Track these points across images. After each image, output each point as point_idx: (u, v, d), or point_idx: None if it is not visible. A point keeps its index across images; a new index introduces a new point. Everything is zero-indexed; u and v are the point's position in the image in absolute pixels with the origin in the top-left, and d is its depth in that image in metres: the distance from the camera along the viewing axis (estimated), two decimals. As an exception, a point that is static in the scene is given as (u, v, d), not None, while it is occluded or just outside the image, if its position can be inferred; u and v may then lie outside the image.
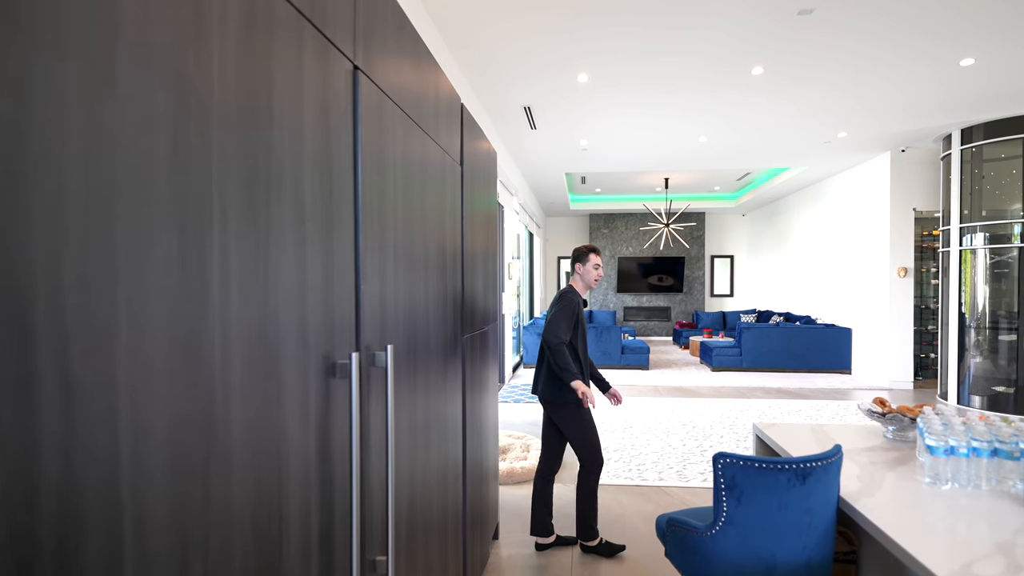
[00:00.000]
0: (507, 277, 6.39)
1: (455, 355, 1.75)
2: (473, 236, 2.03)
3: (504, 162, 5.75)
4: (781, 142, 5.65)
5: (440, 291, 1.56)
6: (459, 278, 1.81)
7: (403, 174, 1.20)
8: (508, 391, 5.93)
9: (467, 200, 1.92)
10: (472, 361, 2.00)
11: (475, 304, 2.05)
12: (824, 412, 4.93)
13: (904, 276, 6.02)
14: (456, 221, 1.76)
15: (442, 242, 1.57)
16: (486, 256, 2.30)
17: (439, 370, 1.55)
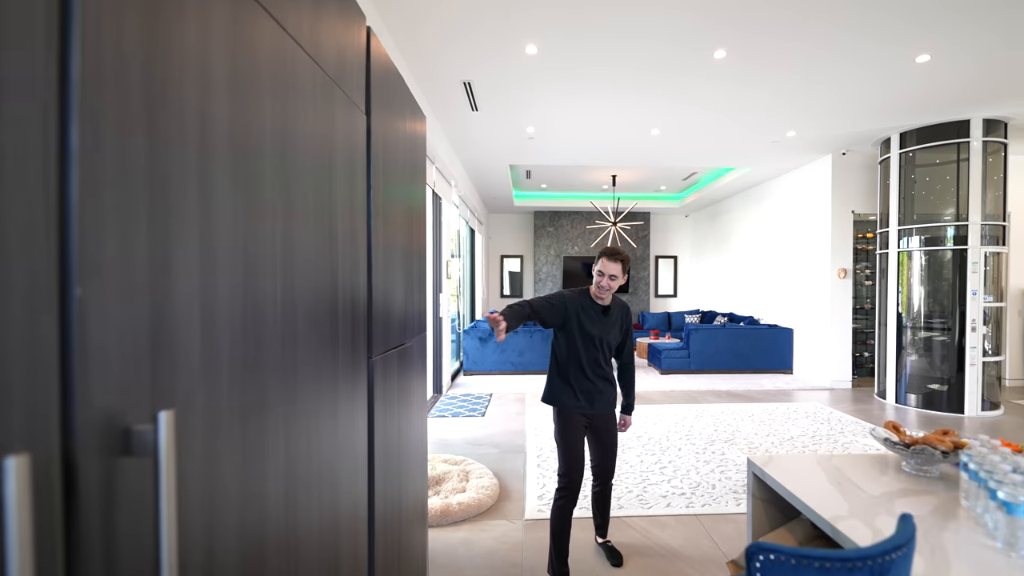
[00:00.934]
0: (445, 276, 5.79)
1: (355, 380, 1.18)
2: (390, 224, 1.46)
3: (441, 146, 5.16)
4: (732, 139, 5.47)
5: (324, 300, 0.99)
6: (363, 281, 1.24)
7: (226, 76, 0.62)
8: (445, 403, 5.34)
9: (379, 170, 1.35)
10: (387, 383, 1.43)
11: (391, 314, 1.48)
12: (775, 415, 4.76)
13: (844, 277, 6.06)
14: (358, 196, 1.19)
15: (330, 226, 1.00)
16: (410, 252, 1.73)
17: (328, 401, 1.00)
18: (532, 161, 6.53)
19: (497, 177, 7.49)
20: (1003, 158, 4.94)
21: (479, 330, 6.79)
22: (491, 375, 6.77)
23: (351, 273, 1.15)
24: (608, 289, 2.10)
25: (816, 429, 4.35)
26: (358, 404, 1.21)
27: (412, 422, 1.74)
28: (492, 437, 4.17)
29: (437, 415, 4.85)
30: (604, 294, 2.12)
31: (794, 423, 4.54)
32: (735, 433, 4.24)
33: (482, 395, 5.70)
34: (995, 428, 4.50)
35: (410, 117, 1.74)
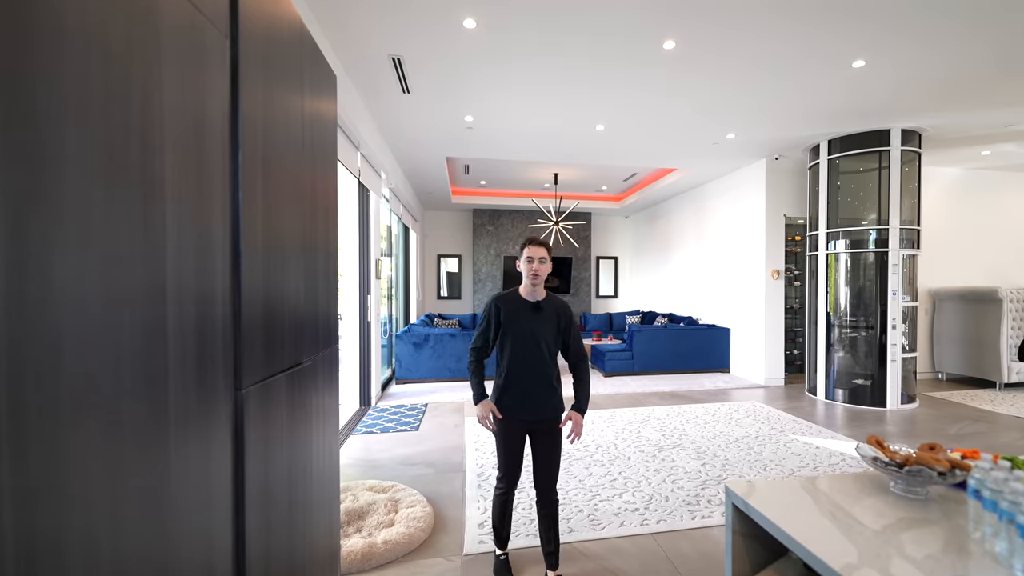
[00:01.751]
0: (374, 276, 5.28)
1: (206, 421, 0.78)
2: (280, 214, 1.07)
3: (367, 131, 4.66)
4: (674, 139, 5.42)
5: (152, 316, 0.58)
6: (223, 285, 0.83)
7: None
8: (374, 417, 4.83)
9: (256, 146, 0.96)
10: (272, 414, 1.03)
11: (279, 327, 1.08)
12: (719, 416, 4.72)
13: (777, 278, 6.23)
14: (212, 174, 0.79)
15: (145, 207, 0.60)
16: (314, 248, 1.32)
17: (142, 458, 0.59)
18: (471, 154, 6.17)
19: (433, 171, 7.04)
20: (918, 167, 5.23)
21: (413, 334, 6.32)
22: (426, 383, 6.32)
23: (195, 274, 0.74)
24: (540, 275, 2.05)
25: (759, 429, 4.33)
26: (214, 447, 0.80)
27: (317, 454, 1.33)
28: (427, 455, 3.75)
29: (364, 431, 4.34)
30: (538, 280, 2.06)
31: (737, 423, 4.51)
32: (682, 437, 4.11)
33: (416, 406, 5.24)
34: (912, 420, 4.72)
35: (315, 84, 1.34)
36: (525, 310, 2.08)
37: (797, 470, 3.39)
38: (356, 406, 5.20)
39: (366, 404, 5.26)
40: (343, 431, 4.33)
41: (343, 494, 2.89)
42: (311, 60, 1.31)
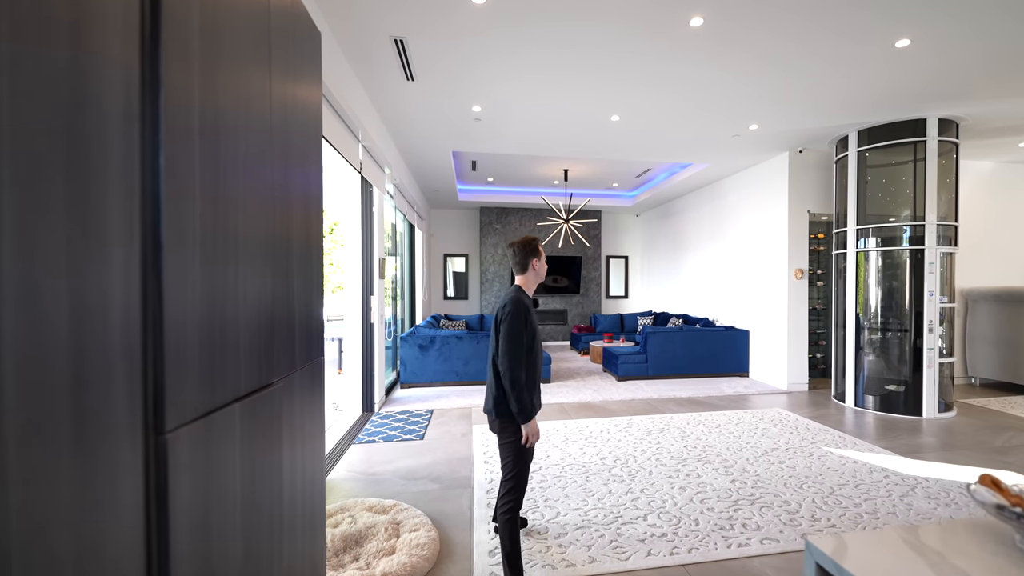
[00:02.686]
0: (378, 276, 5.03)
1: (92, 485, 0.50)
2: (237, 199, 0.81)
3: (370, 122, 4.40)
4: (694, 131, 5.11)
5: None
6: (137, 291, 0.56)
7: None
8: (377, 424, 4.57)
9: (191, 122, 0.70)
10: (211, 459, 0.76)
11: (234, 342, 0.81)
12: (742, 425, 4.41)
13: (801, 277, 5.91)
14: (115, 138, 0.52)
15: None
16: (286, 243, 1.06)
17: None
18: (479, 148, 5.90)
19: (439, 167, 6.78)
20: (955, 159, 4.90)
21: (418, 337, 6.06)
22: (432, 387, 6.06)
23: (119, 280, 0.47)
24: None
25: (788, 440, 4.03)
26: (107, 520, 0.53)
27: (292, 489, 1.07)
28: (432, 467, 3.49)
29: (366, 439, 4.09)
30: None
31: (763, 434, 4.20)
32: (706, 449, 3.82)
33: (421, 412, 4.98)
34: (951, 430, 4.39)
35: (289, 58, 1.08)
36: (534, 309, 2.12)
37: (837, 488, 3.09)
38: (359, 412, 4.95)
39: (369, 410, 5.01)
40: (343, 440, 4.07)
41: (340, 515, 2.63)
42: (284, 29, 1.05)
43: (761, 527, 2.60)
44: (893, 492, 3.04)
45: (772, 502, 2.89)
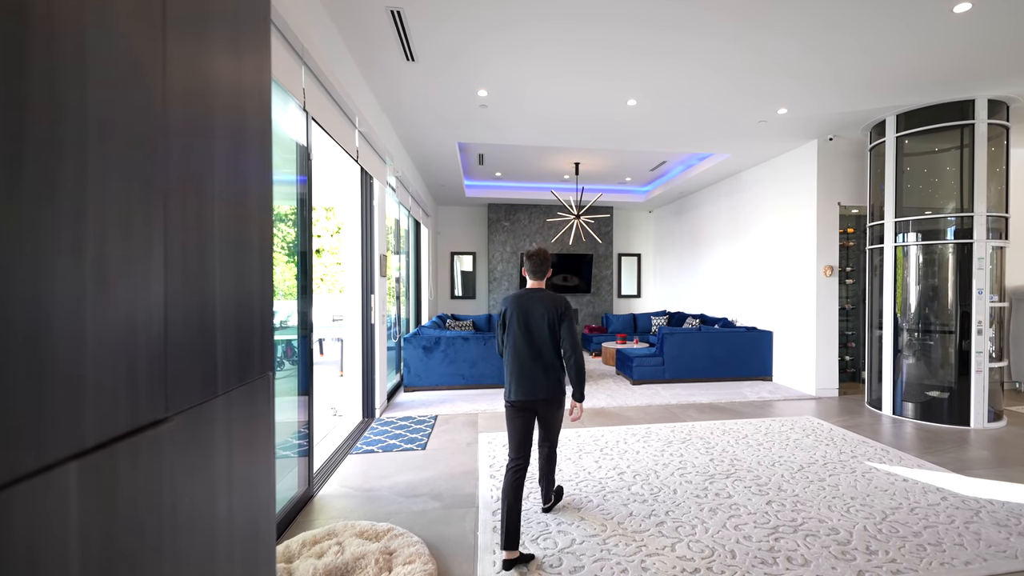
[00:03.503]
0: (379, 274, 4.73)
1: None
2: (113, 184, 0.47)
3: (368, 108, 4.11)
4: (716, 116, 4.75)
5: None
6: None
7: None
8: (377, 432, 4.27)
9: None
10: (92, 524, 0.43)
11: (111, 359, 0.49)
12: (771, 435, 4.05)
13: (831, 275, 5.51)
14: None
15: None
16: (207, 235, 0.74)
17: None
18: (486, 139, 5.58)
19: (444, 160, 6.48)
20: (1005, 145, 4.48)
21: (423, 338, 5.76)
22: (438, 390, 5.76)
23: None
24: None
25: (824, 453, 3.66)
26: None
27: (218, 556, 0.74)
28: (433, 483, 3.18)
29: (364, 449, 3.79)
30: None
31: (796, 445, 3.84)
32: (734, 462, 3.47)
33: (424, 418, 4.68)
34: (1004, 442, 3.99)
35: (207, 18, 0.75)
36: None
37: (890, 513, 2.72)
38: (359, 418, 4.66)
39: (369, 416, 4.72)
40: (339, 451, 3.78)
41: (327, 542, 2.33)
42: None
43: (809, 561, 2.25)
44: (955, 518, 2.67)
45: (818, 529, 2.54)
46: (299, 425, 2.92)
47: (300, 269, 2.86)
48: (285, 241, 3.01)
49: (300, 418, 2.92)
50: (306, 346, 2.90)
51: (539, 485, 2.71)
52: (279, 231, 2.88)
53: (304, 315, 2.90)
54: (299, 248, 2.85)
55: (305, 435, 2.94)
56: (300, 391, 2.93)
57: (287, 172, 2.75)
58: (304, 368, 2.91)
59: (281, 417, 2.82)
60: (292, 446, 2.89)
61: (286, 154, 2.73)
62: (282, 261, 3.06)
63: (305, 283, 2.87)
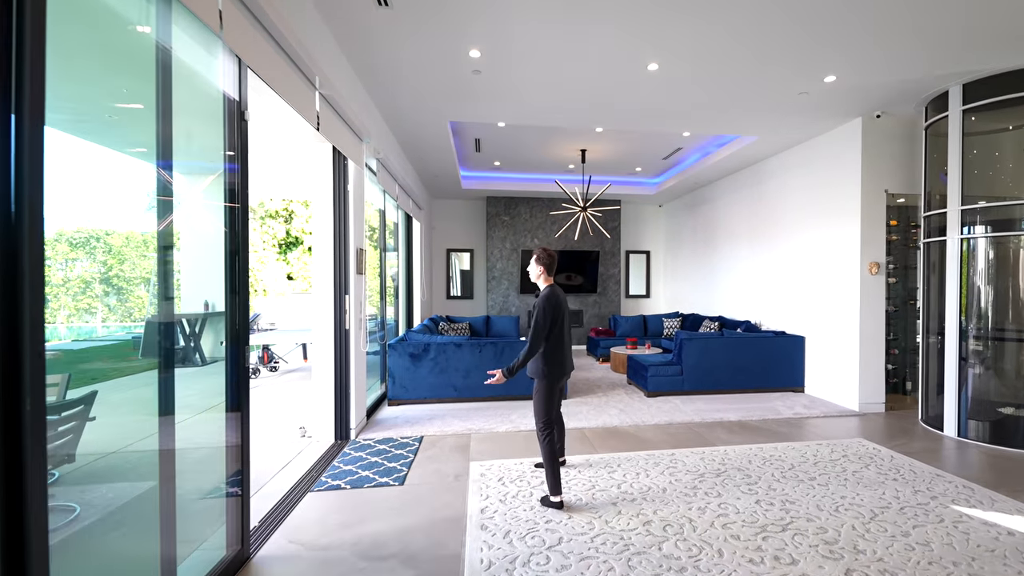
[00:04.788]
0: (353, 271, 4.04)
1: None
2: None
3: (336, 71, 3.41)
4: (750, 85, 4.05)
5: None
6: None
7: None
8: (350, 459, 3.57)
9: None
10: None
11: None
12: (822, 465, 3.35)
13: (876, 272, 4.80)
14: None
15: None
16: None
17: None
18: (480, 115, 4.89)
19: (435, 142, 5.79)
20: (1095, 116, 3.78)
21: (409, 344, 5.07)
22: (426, 404, 5.07)
23: None
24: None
25: (895, 492, 2.96)
26: None
27: None
28: (407, 535, 2.49)
29: (328, 484, 3.09)
30: None
31: (856, 480, 3.14)
32: (787, 506, 2.77)
33: (407, 441, 3.98)
34: (1102, 474, 3.29)
35: None
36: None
37: (1016, 590, 2.02)
38: (330, 440, 3.97)
39: (343, 438, 4.03)
40: (298, 486, 3.09)
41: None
42: None
43: None
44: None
45: (929, 621, 1.85)
46: (228, 454, 2.23)
47: (228, 263, 2.17)
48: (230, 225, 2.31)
49: (230, 441, 2.23)
50: (236, 352, 2.21)
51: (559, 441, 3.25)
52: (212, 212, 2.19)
53: (234, 317, 2.21)
54: (229, 230, 2.16)
55: (237, 473, 2.25)
56: (230, 406, 2.23)
57: (205, 128, 2.06)
58: (234, 378, 2.22)
59: (201, 440, 2.14)
60: (216, 487, 2.20)
61: (202, 103, 2.04)
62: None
63: (234, 281, 2.18)
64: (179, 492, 1.90)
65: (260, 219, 14.08)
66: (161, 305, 1.83)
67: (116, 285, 2.04)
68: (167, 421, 1.84)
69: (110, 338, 2.11)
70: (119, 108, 1.88)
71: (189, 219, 2.09)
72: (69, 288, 1.86)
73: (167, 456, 1.84)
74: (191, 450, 2.08)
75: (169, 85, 1.81)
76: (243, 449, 2.27)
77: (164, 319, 1.85)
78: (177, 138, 1.87)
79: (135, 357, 1.99)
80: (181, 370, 1.96)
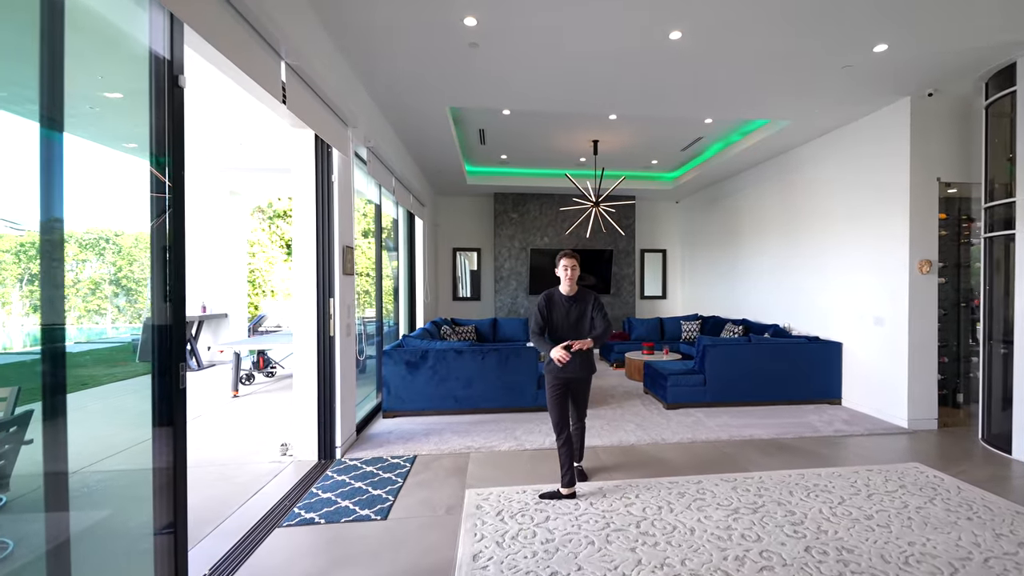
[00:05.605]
0: (339, 271, 3.63)
1: None
2: None
3: (308, 39, 3.00)
4: (787, 59, 3.56)
5: None
6: None
7: None
8: (331, 483, 3.16)
9: None
10: None
11: None
12: (877, 496, 2.85)
13: (928, 271, 4.26)
14: None
15: None
16: None
17: None
18: (481, 98, 4.45)
19: (435, 133, 5.37)
20: None
21: (406, 351, 4.65)
22: (423, 416, 4.65)
23: None
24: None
25: (972, 537, 2.45)
26: None
27: None
28: (382, 595, 2.06)
29: (301, 519, 2.68)
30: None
31: (924, 519, 2.63)
32: (842, 554, 2.28)
33: (398, 461, 3.57)
34: None
35: None
36: (545, 303, 3.33)
37: None
38: (313, 460, 3.58)
39: (328, 457, 3.63)
40: (267, 519, 2.68)
41: None
42: None
43: None
44: None
45: None
46: (159, 476, 1.81)
47: (154, 264, 1.76)
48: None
49: (158, 464, 1.81)
50: (165, 381, 1.80)
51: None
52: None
53: (163, 330, 1.80)
54: (157, 223, 1.76)
55: (170, 522, 1.84)
56: (157, 421, 1.82)
57: (122, 93, 1.66)
58: (163, 409, 1.81)
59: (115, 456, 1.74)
60: (140, 529, 1.79)
61: (113, 58, 1.64)
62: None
63: (164, 285, 1.77)
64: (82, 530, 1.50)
65: (269, 219, 13.83)
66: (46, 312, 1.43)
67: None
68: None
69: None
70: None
71: (95, 210, 1.69)
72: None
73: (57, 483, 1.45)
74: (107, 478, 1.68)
75: (60, 32, 1.41)
76: (175, 481, 1.86)
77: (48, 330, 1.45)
78: (76, 102, 1.46)
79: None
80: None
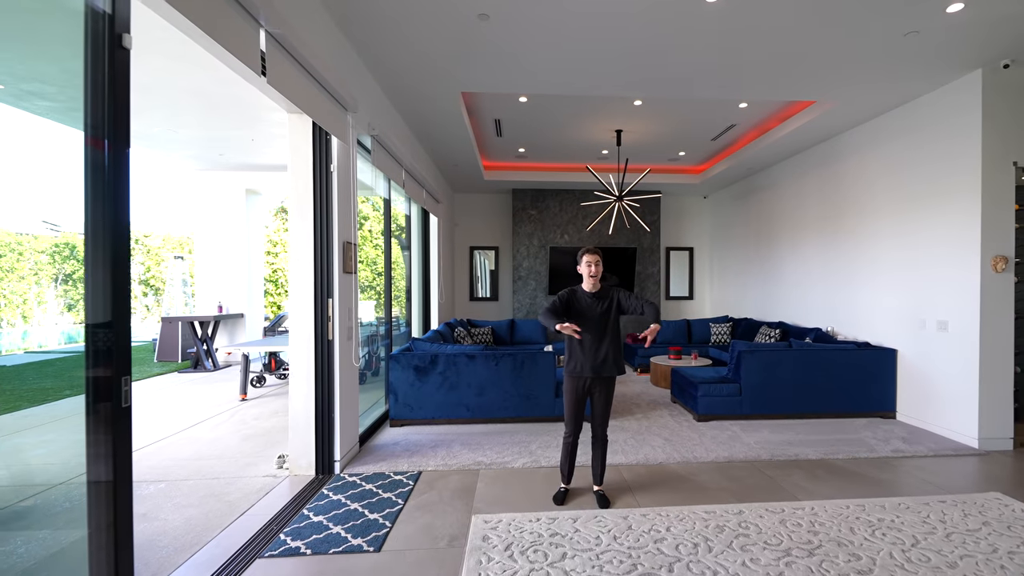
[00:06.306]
0: (338, 270, 3.34)
1: None
2: None
3: (296, 9, 2.69)
4: (838, 26, 3.10)
5: None
6: None
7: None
8: (325, 503, 2.86)
9: None
10: None
11: None
12: (959, 538, 2.40)
13: (1004, 269, 3.73)
14: None
15: None
16: None
17: None
18: (496, 81, 4.11)
19: (447, 121, 5.06)
20: None
21: (415, 355, 4.35)
22: (433, 424, 4.34)
23: None
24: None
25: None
26: None
27: None
28: (365, 654, 1.73)
29: (287, 548, 2.38)
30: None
31: (1018, 569, 2.17)
32: (928, 618, 1.85)
33: (402, 477, 3.25)
34: None
35: None
36: (565, 297, 3.09)
37: None
38: (310, 474, 3.29)
39: (326, 471, 3.34)
40: (251, 545, 2.39)
41: None
42: None
43: None
44: None
45: None
46: (97, 491, 1.53)
47: (90, 266, 1.47)
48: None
49: (93, 528, 1.54)
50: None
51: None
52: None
53: (96, 341, 1.51)
54: (91, 216, 1.47)
55: (106, 551, 1.55)
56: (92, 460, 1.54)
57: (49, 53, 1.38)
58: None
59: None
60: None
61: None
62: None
63: (103, 289, 1.48)
64: None
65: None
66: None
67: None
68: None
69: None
70: None
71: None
72: None
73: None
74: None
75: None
76: (116, 503, 1.57)
77: None
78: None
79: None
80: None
